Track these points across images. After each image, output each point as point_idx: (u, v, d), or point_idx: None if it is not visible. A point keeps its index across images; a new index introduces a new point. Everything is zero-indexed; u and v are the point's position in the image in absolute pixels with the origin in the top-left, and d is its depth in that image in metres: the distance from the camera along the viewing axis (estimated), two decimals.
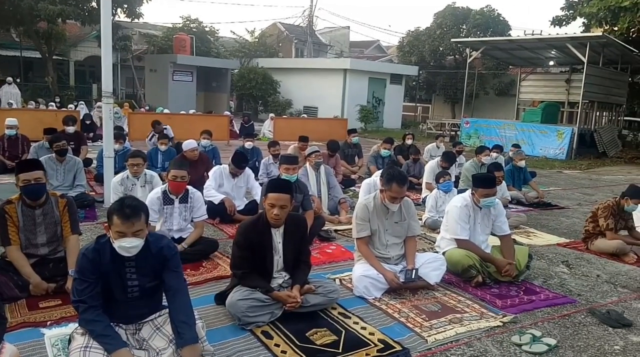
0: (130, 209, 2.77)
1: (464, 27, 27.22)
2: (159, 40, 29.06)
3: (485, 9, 26.73)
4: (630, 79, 19.94)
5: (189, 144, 7.46)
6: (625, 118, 21.26)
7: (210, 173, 6.46)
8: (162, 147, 8.75)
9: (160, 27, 32.11)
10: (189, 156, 7.40)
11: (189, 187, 5.04)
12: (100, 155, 8.33)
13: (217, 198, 6.26)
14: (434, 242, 5.68)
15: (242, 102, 29.04)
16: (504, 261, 4.46)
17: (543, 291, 4.43)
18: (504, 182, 6.92)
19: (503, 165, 10.11)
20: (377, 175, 6.47)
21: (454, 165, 8.41)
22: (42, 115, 13.89)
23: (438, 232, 6.06)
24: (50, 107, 17.53)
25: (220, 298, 3.79)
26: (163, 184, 5.38)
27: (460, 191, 7.72)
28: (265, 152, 9.15)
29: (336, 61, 27.88)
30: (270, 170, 8.33)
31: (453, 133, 20.60)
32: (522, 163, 8.55)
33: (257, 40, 32.92)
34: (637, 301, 4.32)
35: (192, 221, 5.08)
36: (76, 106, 17.83)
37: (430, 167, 8.02)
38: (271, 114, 19.44)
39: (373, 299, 4.07)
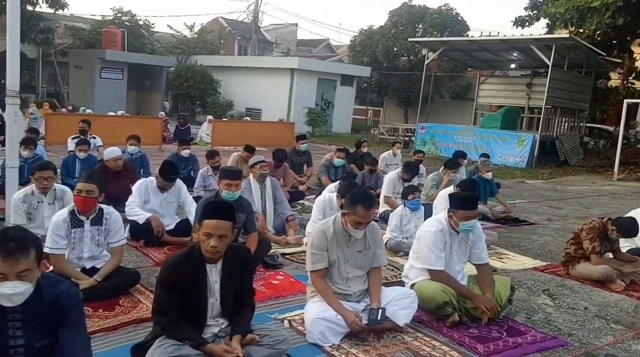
0: (14, 243, 2.21)
1: (421, 26, 27.29)
2: (86, 34, 27.59)
3: (443, 8, 26.88)
4: (594, 84, 20.36)
5: (110, 152, 6.72)
6: (587, 125, 21.71)
7: (134, 187, 5.75)
8: (81, 155, 7.91)
9: (90, 20, 30.58)
10: (111, 166, 6.69)
11: (104, 206, 4.36)
12: (4, 165, 7.47)
13: (141, 217, 5.56)
14: (397, 269, 5.23)
15: (178, 103, 27.99)
16: (484, 298, 4.01)
17: (529, 330, 4.01)
18: None
19: (464, 174, 9.94)
20: (331, 191, 5.97)
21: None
22: None
23: (401, 256, 5.64)
24: None
25: (139, 352, 3.13)
26: None
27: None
28: (203, 159, 8.44)
29: (283, 60, 27.35)
30: (209, 183, 7.72)
31: (407, 139, 20.43)
32: (489, 175, 8.27)
33: (196, 36, 31.91)
34: (635, 340, 3.96)
35: (108, 246, 4.38)
36: None
37: (390, 179, 7.60)
38: (209, 117, 18.62)
39: (330, 346, 3.53)
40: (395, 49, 27.59)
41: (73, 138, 9.92)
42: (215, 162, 7.98)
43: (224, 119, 20.09)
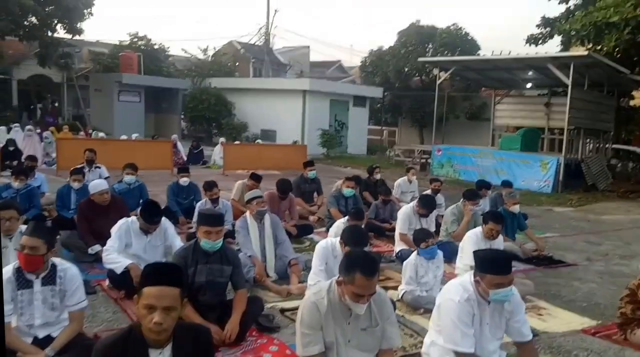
0: None
1: (430, 46, 26.33)
2: (105, 58, 27.32)
3: (451, 28, 25.93)
4: (617, 104, 19.10)
5: (96, 186, 5.89)
6: (613, 146, 20.32)
7: (113, 229, 4.85)
8: (75, 185, 7.21)
9: (110, 44, 30.39)
10: (97, 201, 5.87)
11: (58, 260, 3.50)
12: None
13: (119, 265, 4.66)
14: (417, 333, 4.24)
15: (194, 125, 27.43)
16: None
17: None
18: (500, 235, 5.53)
19: (487, 205, 8.93)
20: (336, 233, 5.04)
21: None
22: None
23: (421, 313, 4.67)
24: None
25: None
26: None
27: (440, 246, 6.38)
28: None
29: (294, 82, 26.60)
30: None
31: (423, 161, 19.41)
32: (516, 208, 7.14)
33: (211, 59, 31.45)
34: None
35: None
36: (9, 130, 15.92)
37: (405, 214, 6.59)
38: (222, 139, 17.91)
39: None
40: (406, 69, 26.62)
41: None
42: (213, 194, 7.12)
43: (235, 143, 19.31)
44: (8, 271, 3.34)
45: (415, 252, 5.01)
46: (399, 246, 6.58)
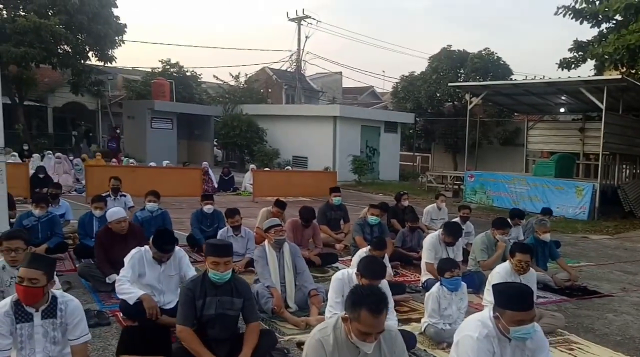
0: None
1: (462, 71, 26.18)
2: (138, 85, 28.01)
3: (483, 52, 25.71)
4: None
5: (114, 214, 5.82)
6: None
7: (126, 258, 4.78)
8: (97, 213, 7.05)
9: (144, 71, 31.21)
10: (115, 229, 5.79)
11: (59, 293, 3.39)
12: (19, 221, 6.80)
13: (132, 296, 4.56)
14: None
15: (227, 152, 27.75)
16: None
17: None
18: (532, 270, 5.22)
19: (520, 234, 8.62)
20: (356, 263, 4.86)
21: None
22: None
23: (444, 348, 4.44)
24: (11, 158, 15.95)
25: None
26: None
27: (466, 276, 6.14)
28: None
29: (325, 108, 26.70)
30: None
31: (456, 187, 19.05)
32: (547, 236, 6.86)
33: (244, 85, 31.93)
34: None
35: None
36: (43, 157, 16.34)
37: (430, 243, 6.37)
38: (252, 166, 17.99)
39: None
40: (438, 95, 26.45)
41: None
42: (235, 222, 7.04)
43: (265, 169, 19.37)
44: (6, 304, 3.24)
45: (438, 283, 4.78)
46: (425, 276, 6.35)
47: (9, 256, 4.09)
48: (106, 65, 23.88)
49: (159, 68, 28.76)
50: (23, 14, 20.45)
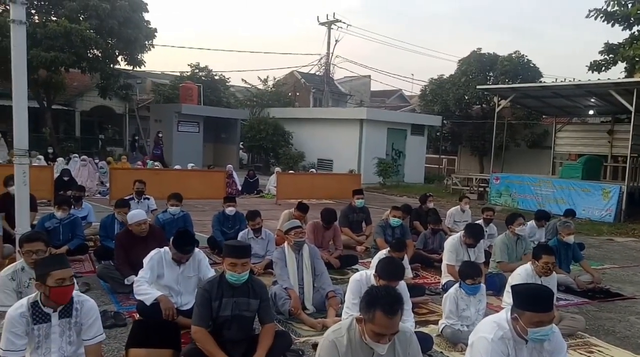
0: None
1: (491, 74, 25.89)
2: (166, 89, 28.39)
3: (513, 55, 25.37)
4: None
5: (134, 216, 5.87)
6: None
7: (146, 259, 4.82)
8: (121, 217, 7.06)
9: (172, 75, 31.64)
10: (135, 231, 5.84)
11: (74, 293, 3.40)
12: (42, 223, 6.92)
13: (149, 297, 4.58)
14: None
15: (252, 155, 27.93)
16: None
17: None
18: (553, 273, 5.10)
19: (542, 236, 8.46)
20: (374, 266, 4.82)
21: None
22: (5, 170, 12.64)
23: (460, 351, 4.37)
24: (37, 161, 16.32)
25: None
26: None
27: (489, 277, 6.06)
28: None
29: (352, 111, 26.66)
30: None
31: (481, 190, 18.80)
32: (571, 238, 6.74)
33: (272, 89, 32.13)
34: None
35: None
36: (69, 160, 16.67)
37: (451, 245, 6.29)
38: (277, 169, 18.07)
39: None
40: (466, 98, 26.20)
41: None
42: (256, 224, 7.06)
43: (290, 172, 19.41)
44: (22, 305, 3.26)
45: (457, 285, 4.71)
46: (445, 278, 6.27)
47: (29, 258, 4.12)
48: (135, 69, 24.16)
49: (187, 72, 29.10)
50: (54, 19, 20.79)
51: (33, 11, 20.99)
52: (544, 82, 21.66)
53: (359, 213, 9.16)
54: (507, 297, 4.90)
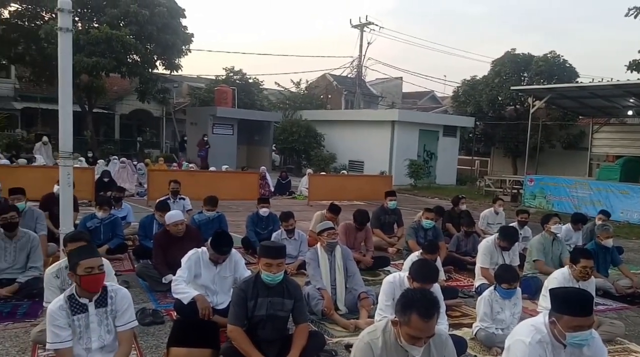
0: None
1: (526, 75, 25.38)
2: (202, 92, 28.83)
3: (549, 55, 24.81)
4: None
5: (171, 217, 5.95)
6: None
7: (184, 259, 4.90)
8: (161, 220, 7.19)
9: (208, 79, 32.12)
10: (172, 231, 5.92)
11: (108, 283, 3.53)
12: (83, 223, 7.10)
13: (187, 295, 4.64)
14: None
15: (284, 156, 28.10)
16: None
17: None
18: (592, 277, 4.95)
19: (579, 239, 8.25)
20: (408, 267, 4.77)
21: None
22: (54, 172, 13.00)
23: (494, 354, 4.29)
24: (78, 163, 16.75)
25: None
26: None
27: (524, 281, 5.93)
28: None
29: (383, 113, 26.53)
30: None
31: (515, 191, 18.45)
32: (609, 242, 6.56)
33: (304, 92, 32.26)
34: None
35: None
36: (108, 162, 17.07)
37: (486, 247, 6.18)
38: (309, 170, 18.11)
39: None
40: (500, 99, 25.76)
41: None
42: (289, 225, 7.09)
43: (321, 174, 19.41)
44: (60, 299, 3.38)
45: (491, 287, 4.63)
46: (479, 281, 6.17)
47: None
48: (172, 73, 24.63)
49: (222, 75, 29.51)
50: (96, 25, 21.43)
51: (77, 18, 21.63)
52: (581, 82, 21.13)
53: (391, 215, 9.09)
54: (543, 301, 4.80)
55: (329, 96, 35.38)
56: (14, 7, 21.57)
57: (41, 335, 4.04)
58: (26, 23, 22.12)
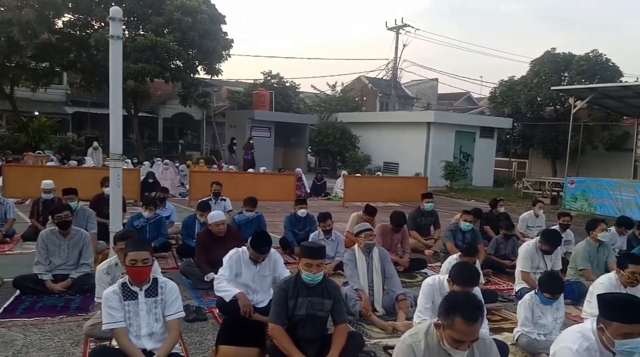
0: None
1: (566, 74, 24.69)
2: (240, 96, 29.22)
3: (590, 54, 24.07)
4: None
5: (213, 217, 6.05)
6: None
7: (225, 258, 4.96)
8: (202, 219, 7.21)
9: (247, 83, 32.55)
10: (214, 231, 6.01)
11: (159, 276, 3.71)
12: (130, 222, 7.27)
13: (229, 294, 4.68)
14: None
15: (319, 158, 28.16)
16: None
17: None
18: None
19: (624, 243, 7.96)
20: (447, 269, 4.69)
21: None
22: (102, 174, 13.37)
23: None
24: (125, 165, 17.16)
25: None
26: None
27: (567, 285, 5.74)
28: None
29: (419, 114, 26.26)
30: None
31: (555, 194, 17.96)
32: None
33: (340, 94, 32.28)
34: None
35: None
36: (152, 163, 17.48)
37: (526, 251, 6.02)
38: (344, 172, 18.06)
39: None
40: (539, 99, 25.15)
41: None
42: (326, 226, 7.07)
43: (356, 175, 19.34)
44: (115, 285, 3.63)
45: (532, 292, 4.50)
46: (519, 285, 6.02)
47: (122, 255, 4.37)
48: (213, 78, 25.14)
49: (260, 79, 29.84)
50: (142, 33, 22.12)
51: (124, 27, 22.24)
52: (625, 81, 20.40)
53: (428, 217, 8.98)
54: (588, 307, 4.64)
55: (364, 98, 35.31)
56: (67, 17, 22.40)
57: (93, 329, 4.19)
58: (77, 32, 22.98)
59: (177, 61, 22.73)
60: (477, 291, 4.00)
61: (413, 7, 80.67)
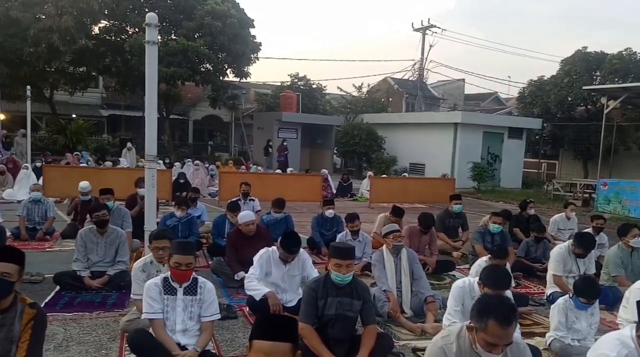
0: None
1: (598, 74, 24.06)
2: (268, 98, 29.41)
3: (624, 53, 23.38)
4: None
5: (243, 217, 6.11)
6: None
7: (255, 257, 5.00)
8: (233, 220, 7.29)
9: (274, 85, 32.76)
10: (244, 231, 6.07)
11: (200, 277, 3.79)
12: (163, 221, 7.36)
13: (259, 292, 4.76)
14: None
15: (345, 159, 28.13)
16: None
17: None
18: None
19: None
20: (477, 272, 4.61)
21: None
22: (137, 174, 13.58)
23: None
24: (157, 166, 17.36)
25: None
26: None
27: (602, 289, 5.57)
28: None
29: (446, 115, 25.98)
30: None
31: (587, 196, 17.53)
32: None
33: (366, 95, 32.17)
34: None
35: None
36: (183, 164, 17.71)
37: (559, 254, 5.86)
38: (369, 173, 17.97)
39: None
40: (569, 99, 24.55)
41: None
42: (354, 226, 7.05)
43: (382, 176, 19.21)
44: (157, 278, 3.79)
45: (566, 295, 4.39)
46: (550, 289, 5.88)
47: (157, 254, 4.49)
48: (241, 80, 25.40)
49: (287, 82, 30.00)
50: (174, 37, 22.54)
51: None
52: None
53: (456, 218, 8.86)
54: (624, 313, 4.51)
55: (390, 99, 35.12)
56: (103, 23, 22.95)
57: (129, 324, 4.27)
58: (113, 37, 23.52)
59: (207, 64, 23.06)
60: (508, 294, 3.93)
61: (439, 6, 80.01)
